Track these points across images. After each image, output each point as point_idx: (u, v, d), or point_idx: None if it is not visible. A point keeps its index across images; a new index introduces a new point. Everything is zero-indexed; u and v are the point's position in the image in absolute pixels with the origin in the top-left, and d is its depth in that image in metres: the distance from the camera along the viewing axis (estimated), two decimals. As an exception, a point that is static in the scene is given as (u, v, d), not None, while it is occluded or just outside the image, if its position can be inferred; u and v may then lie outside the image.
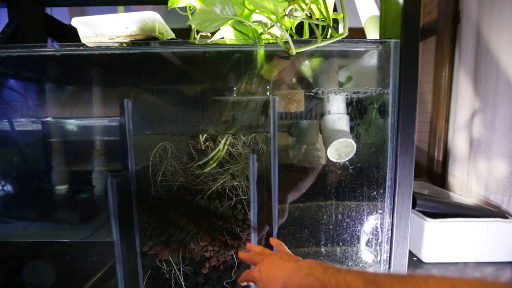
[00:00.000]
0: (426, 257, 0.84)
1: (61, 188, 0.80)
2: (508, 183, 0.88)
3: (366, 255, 0.69)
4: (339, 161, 0.65)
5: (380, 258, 0.65)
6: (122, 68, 0.65)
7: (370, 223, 0.67)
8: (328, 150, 0.62)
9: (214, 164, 0.65)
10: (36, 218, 0.79)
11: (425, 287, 0.32)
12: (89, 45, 0.58)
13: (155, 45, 0.58)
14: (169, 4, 0.65)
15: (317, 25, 0.55)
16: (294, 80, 0.65)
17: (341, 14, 0.57)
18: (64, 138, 0.79)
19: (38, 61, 0.64)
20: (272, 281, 0.46)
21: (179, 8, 0.67)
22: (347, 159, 0.64)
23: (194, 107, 0.62)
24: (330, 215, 0.69)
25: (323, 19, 0.55)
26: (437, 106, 1.22)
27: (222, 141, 0.64)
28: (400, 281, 0.34)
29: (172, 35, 0.64)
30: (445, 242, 0.82)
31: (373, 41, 0.61)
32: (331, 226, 0.69)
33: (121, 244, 0.58)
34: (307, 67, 0.66)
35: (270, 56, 0.62)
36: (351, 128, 0.66)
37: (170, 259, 0.60)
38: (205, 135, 0.66)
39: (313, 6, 0.55)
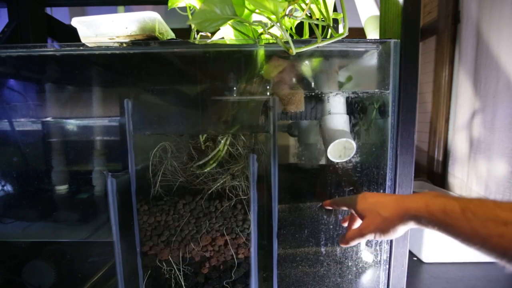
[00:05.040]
0: (426, 257, 0.84)
1: (61, 188, 0.80)
2: (508, 183, 0.88)
3: (366, 255, 0.69)
4: (339, 161, 0.65)
5: (380, 258, 0.65)
6: (122, 68, 0.65)
7: (370, 223, 0.67)
8: (328, 150, 0.61)
9: (214, 164, 0.65)
10: (36, 218, 0.79)
11: None
12: (89, 45, 0.58)
13: (155, 45, 0.58)
14: (169, 4, 0.64)
15: (317, 25, 0.55)
16: (294, 80, 0.65)
17: (341, 14, 0.57)
18: (64, 138, 0.79)
19: (38, 61, 0.64)
20: (391, 203, 0.40)
21: (179, 8, 0.66)
22: (347, 159, 0.64)
23: (194, 107, 0.62)
24: (330, 215, 0.69)
25: (323, 19, 0.55)
26: (437, 106, 1.22)
27: (222, 141, 0.64)
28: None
29: (172, 35, 0.64)
30: (445, 242, 0.82)
31: (373, 41, 0.62)
32: (331, 226, 0.69)
33: (121, 244, 0.58)
34: (307, 67, 0.66)
35: (270, 56, 0.62)
36: (351, 128, 0.66)
37: (170, 259, 0.60)
38: (205, 135, 0.66)
39: (313, 6, 0.55)
